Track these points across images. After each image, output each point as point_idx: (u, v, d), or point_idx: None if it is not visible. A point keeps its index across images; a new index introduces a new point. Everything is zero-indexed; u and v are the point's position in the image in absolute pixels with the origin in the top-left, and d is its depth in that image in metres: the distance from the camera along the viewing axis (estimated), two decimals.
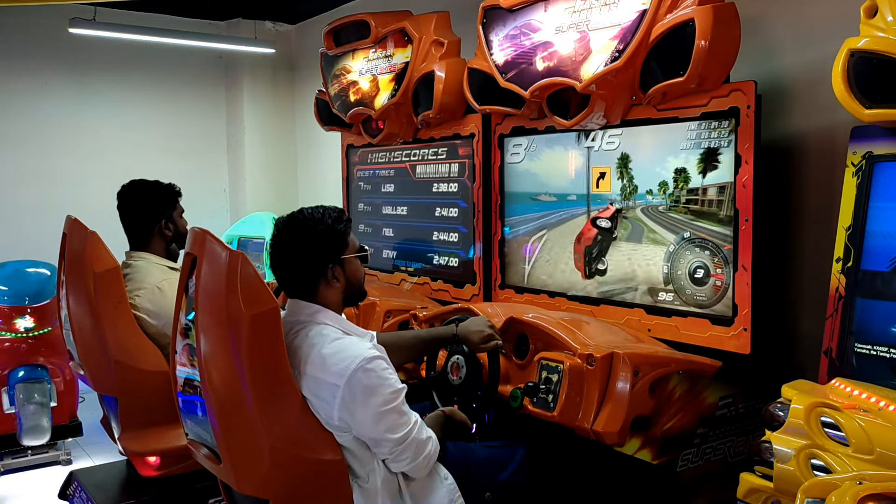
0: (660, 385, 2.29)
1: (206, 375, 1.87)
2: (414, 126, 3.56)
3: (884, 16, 1.92)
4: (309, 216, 2.07)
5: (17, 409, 4.05)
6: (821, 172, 2.55)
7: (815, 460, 1.64)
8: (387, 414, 1.92)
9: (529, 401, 2.34)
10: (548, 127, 2.91)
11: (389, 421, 1.93)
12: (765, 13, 2.69)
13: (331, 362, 1.92)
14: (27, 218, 5.25)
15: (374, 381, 1.91)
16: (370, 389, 1.90)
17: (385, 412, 1.92)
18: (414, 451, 1.97)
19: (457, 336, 2.43)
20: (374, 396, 1.90)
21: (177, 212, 3.04)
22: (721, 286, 2.39)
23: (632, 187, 2.63)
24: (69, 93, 5.47)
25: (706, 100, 2.38)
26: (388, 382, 1.93)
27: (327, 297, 2.08)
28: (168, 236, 3.00)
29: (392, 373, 1.98)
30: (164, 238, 3.00)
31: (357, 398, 1.89)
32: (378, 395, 1.91)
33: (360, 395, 1.89)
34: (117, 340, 2.69)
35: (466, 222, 3.35)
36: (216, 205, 6.12)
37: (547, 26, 2.67)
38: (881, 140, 2.03)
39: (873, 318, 2.01)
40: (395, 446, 1.95)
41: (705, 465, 2.44)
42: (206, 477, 2.21)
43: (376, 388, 1.91)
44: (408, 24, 3.41)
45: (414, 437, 1.96)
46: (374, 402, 1.90)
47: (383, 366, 1.95)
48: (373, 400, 1.90)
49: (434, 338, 2.50)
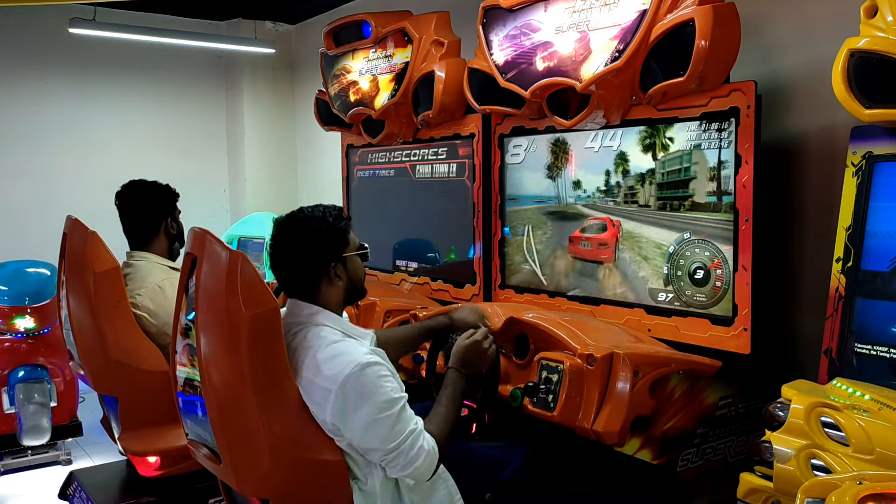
0: (660, 385, 2.29)
1: (206, 375, 1.87)
2: (414, 126, 3.56)
3: (884, 16, 1.91)
4: (310, 215, 2.07)
5: (17, 409, 4.05)
6: (821, 172, 2.55)
7: (815, 460, 1.64)
8: (378, 423, 1.87)
9: (529, 401, 2.34)
10: (548, 127, 2.91)
11: (380, 430, 1.88)
12: (765, 13, 2.69)
13: (325, 367, 1.90)
14: (27, 218, 5.25)
15: (368, 387, 1.88)
16: (363, 396, 1.87)
17: (376, 420, 1.87)
18: (404, 462, 1.90)
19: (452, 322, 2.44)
20: (366, 404, 1.87)
21: (177, 211, 3.07)
22: (721, 286, 2.39)
23: (628, 186, 2.63)
24: (69, 93, 5.46)
25: (706, 100, 2.38)
26: (382, 390, 1.89)
27: (329, 296, 2.07)
28: (172, 235, 3.03)
29: (389, 380, 1.93)
30: (169, 237, 3.02)
31: (349, 404, 1.87)
32: (370, 403, 1.87)
33: (353, 400, 1.87)
34: (117, 340, 2.69)
35: (466, 222, 3.34)
36: (216, 205, 6.11)
37: (547, 26, 2.67)
38: (881, 140, 2.03)
39: (873, 318, 2.01)
40: (385, 455, 1.90)
41: (705, 465, 2.44)
42: (206, 477, 2.21)
43: (369, 394, 1.88)
44: (408, 24, 3.41)
45: (404, 449, 1.89)
46: (366, 409, 1.87)
47: (380, 372, 1.91)
48: (365, 407, 1.87)
49: (428, 328, 2.52)
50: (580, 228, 2.83)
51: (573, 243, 2.86)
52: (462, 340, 2.24)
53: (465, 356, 2.20)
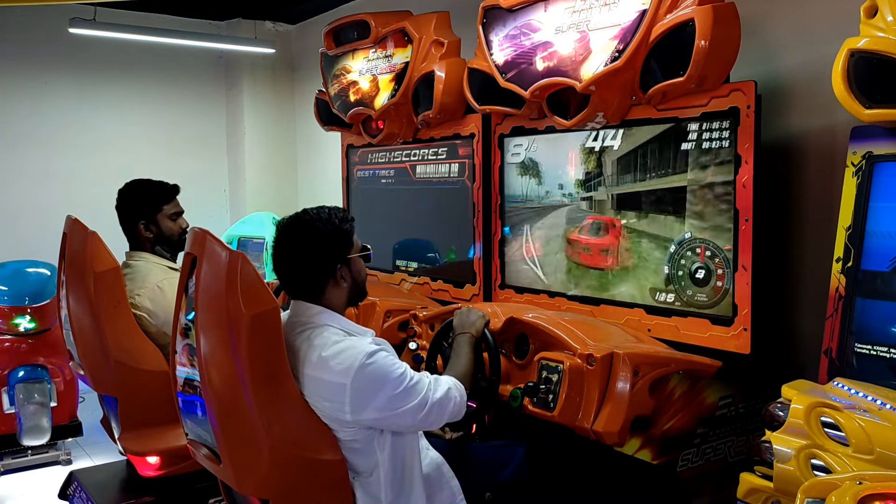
0: (660, 385, 2.29)
1: (206, 375, 1.87)
2: (414, 126, 3.56)
3: (884, 16, 1.91)
4: (316, 217, 2.07)
5: (17, 409, 4.05)
6: (821, 172, 2.55)
7: (815, 460, 1.64)
8: (400, 396, 1.94)
9: (529, 401, 2.34)
10: (548, 127, 2.91)
11: (405, 400, 1.95)
12: (765, 13, 2.69)
13: (334, 363, 1.92)
14: (27, 218, 5.24)
15: (380, 372, 1.93)
16: (378, 381, 1.92)
17: (397, 395, 1.94)
18: (439, 410, 2.01)
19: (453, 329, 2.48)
20: (384, 386, 1.92)
21: (162, 213, 2.97)
22: (721, 286, 2.39)
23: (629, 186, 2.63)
24: (69, 93, 5.46)
25: (706, 100, 2.38)
26: (391, 369, 1.95)
27: (334, 298, 2.08)
28: (150, 238, 2.96)
29: (394, 357, 2.00)
30: (148, 240, 2.96)
31: (368, 392, 1.91)
32: (387, 384, 1.93)
33: (370, 388, 1.91)
34: (117, 340, 2.69)
35: (466, 222, 3.34)
36: (216, 205, 6.11)
37: (547, 26, 2.67)
38: (881, 140, 2.03)
39: (873, 318, 2.01)
40: (419, 416, 1.97)
41: (705, 465, 2.44)
42: (206, 477, 2.21)
43: (383, 377, 1.93)
44: (408, 24, 3.41)
45: (432, 399, 1.99)
46: (386, 390, 1.92)
47: (384, 355, 1.97)
48: (384, 390, 1.92)
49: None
50: (578, 229, 2.82)
51: (573, 246, 2.85)
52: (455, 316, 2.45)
53: (460, 320, 2.41)
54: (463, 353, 2.28)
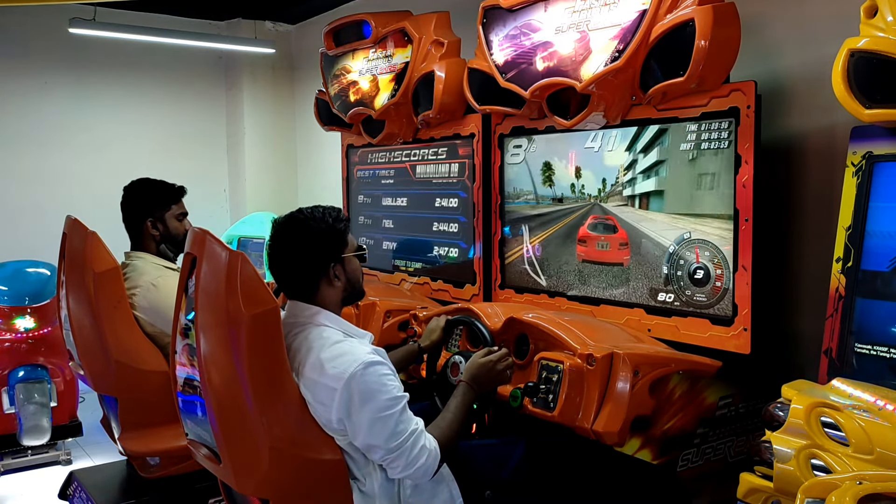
0: (660, 385, 2.29)
1: (205, 375, 1.87)
2: (414, 126, 3.56)
3: (884, 16, 1.91)
4: (309, 216, 2.07)
5: (17, 409, 4.05)
6: (821, 172, 2.55)
7: (815, 460, 1.64)
8: (382, 420, 1.89)
9: (529, 401, 2.34)
10: (548, 127, 2.91)
11: (384, 427, 1.89)
12: (765, 13, 2.69)
13: (329, 366, 1.91)
14: (27, 218, 5.25)
15: (372, 385, 1.89)
16: (367, 394, 1.88)
17: (380, 418, 1.89)
18: (406, 461, 1.91)
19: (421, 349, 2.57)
20: (370, 402, 1.88)
21: (170, 213, 2.99)
22: (721, 286, 2.39)
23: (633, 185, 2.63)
24: (69, 93, 5.46)
25: (706, 100, 2.38)
26: (385, 388, 1.91)
27: (328, 297, 2.08)
28: (156, 236, 2.97)
29: (392, 379, 1.95)
30: (153, 238, 2.97)
31: (354, 402, 1.88)
32: (375, 401, 1.89)
33: (358, 399, 1.88)
34: (117, 340, 2.69)
35: (466, 222, 3.35)
36: (216, 205, 6.11)
37: (547, 26, 2.67)
38: (881, 140, 2.03)
39: (873, 318, 2.01)
40: (387, 454, 1.91)
41: (705, 465, 2.44)
42: (206, 477, 2.21)
43: (374, 393, 1.89)
44: (408, 24, 3.41)
45: (406, 448, 1.91)
46: (371, 406, 1.88)
47: (383, 371, 1.93)
48: (369, 405, 1.88)
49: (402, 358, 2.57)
50: (578, 229, 2.82)
51: (572, 246, 2.85)
52: (477, 358, 2.25)
53: (478, 373, 2.21)
54: (456, 410, 2.12)
